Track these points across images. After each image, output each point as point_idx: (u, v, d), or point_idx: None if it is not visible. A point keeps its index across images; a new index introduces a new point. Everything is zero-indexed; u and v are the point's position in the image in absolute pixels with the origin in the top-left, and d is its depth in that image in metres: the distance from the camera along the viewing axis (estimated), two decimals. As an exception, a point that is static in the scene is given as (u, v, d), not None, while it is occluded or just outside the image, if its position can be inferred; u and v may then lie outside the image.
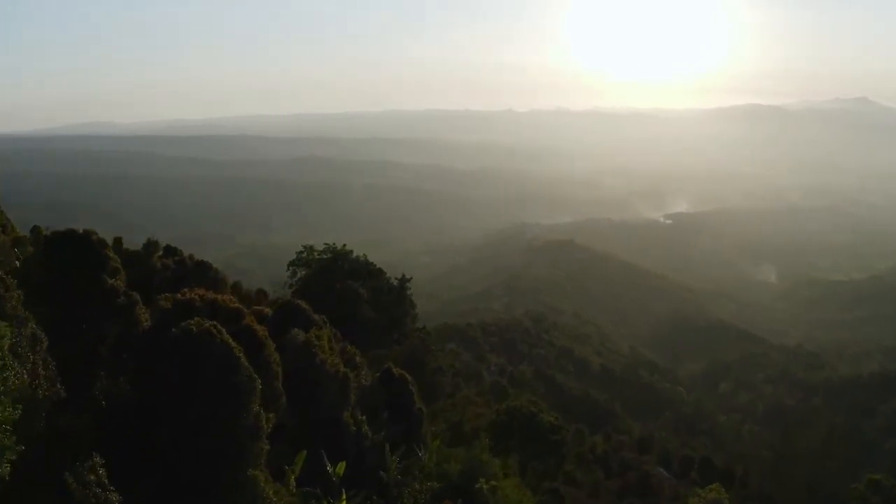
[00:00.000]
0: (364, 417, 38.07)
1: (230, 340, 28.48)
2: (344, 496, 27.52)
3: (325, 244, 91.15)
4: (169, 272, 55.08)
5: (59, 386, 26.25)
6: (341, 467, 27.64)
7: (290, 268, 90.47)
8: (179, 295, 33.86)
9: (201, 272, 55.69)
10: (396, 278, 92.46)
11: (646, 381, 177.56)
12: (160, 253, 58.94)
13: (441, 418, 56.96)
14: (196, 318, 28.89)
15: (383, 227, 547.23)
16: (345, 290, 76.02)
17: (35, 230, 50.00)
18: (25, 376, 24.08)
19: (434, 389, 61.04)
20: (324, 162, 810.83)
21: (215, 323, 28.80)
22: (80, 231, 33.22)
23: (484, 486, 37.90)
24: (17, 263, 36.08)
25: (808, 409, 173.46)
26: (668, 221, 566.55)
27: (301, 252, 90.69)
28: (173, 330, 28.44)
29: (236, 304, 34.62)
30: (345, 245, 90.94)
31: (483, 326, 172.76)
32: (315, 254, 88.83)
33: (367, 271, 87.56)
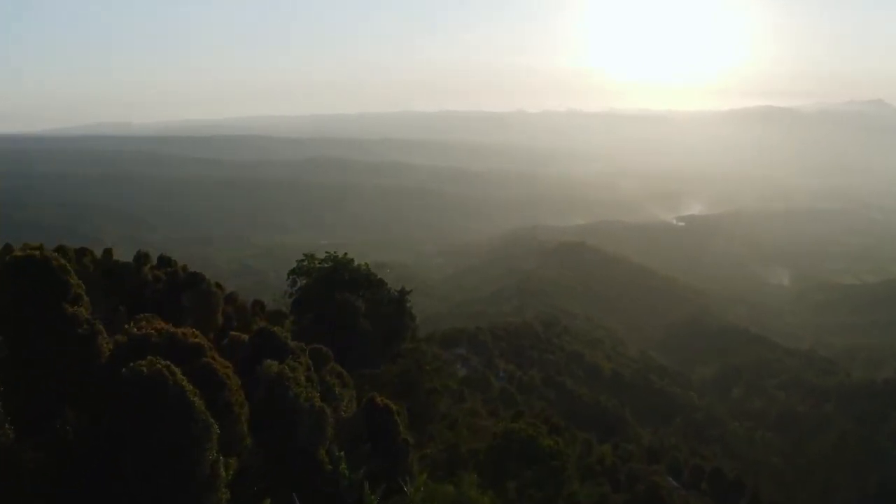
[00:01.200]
0: (342, 453, 36.07)
1: (184, 383, 26.74)
2: None
3: (327, 252, 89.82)
4: (161, 284, 53.93)
5: (7, 427, 25.16)
6: None
7: (290, 277, 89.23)
8: (135, 329, 31.66)
9: (193, 284, 54.51)
10: (396, 290, 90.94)
11: (657, 386, 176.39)
12: (153, 264, 57.77)
13: (438, 439, 55.76)
14: (149, 359, 27.08)
15: (396, 228, 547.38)
16: (342, 303, 74.70)
17: (6, 249, 48.66)
18: None
19: (429, 410, 59.47)
20: (337, 163, 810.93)
21: (168, 364, 26.99)
22: (40, 256, 31.31)
23: None
24: None
25: (820, 415, 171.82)
26: (681, 224, 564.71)
27: (302, 260, 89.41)
28: (124, 371, 26.71)
29: (197, 339, 32.15)
30: (346, 254, 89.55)
31: (493, 331, 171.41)
32: (316, 262, 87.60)
33: (367, 281, 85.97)
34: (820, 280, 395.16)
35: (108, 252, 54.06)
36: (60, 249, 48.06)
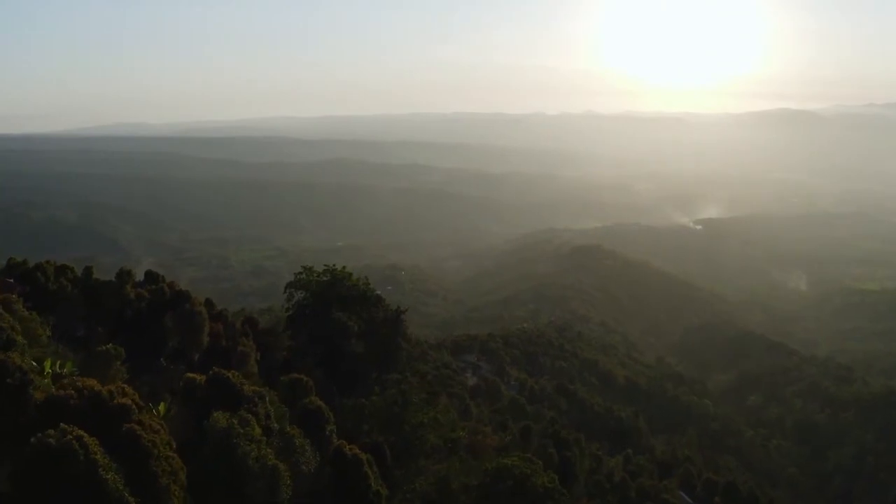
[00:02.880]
0: None
1: (98, 455, 23.76)
2: None
3: (325, 266, 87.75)
4: (144, 303, 51.96)
5: None
6: None
7: (288, 290, 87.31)
8: (55, 390, 28.27)
9: (178, 303, 52.48)
10: (393, 308, 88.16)
11: (671, 394, 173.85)
12: (140, 280, 55.87)
13: (428, 474, 53.35)
14: (61, 427, 24.03)
15: (412, 230, 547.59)
16: (335, 324, 72.43)
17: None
18: None
19: (417, 443, 56.57)
20: (353, 164, 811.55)
21: (81, 435, 23.98)
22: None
23: None
24: None
25: (838, 424, 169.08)
26: (698, 227, 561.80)
27: (300, 273, 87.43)
28: (32, 440, 23.85)
29: (125, 400, 28.27)
30: (344, 267, 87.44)
31: (505, 338, 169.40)
32: (314, 276, 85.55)
33: (363, 298, 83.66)
34: (838, 285, 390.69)
35: (88, 270, 52.40)
36: (40, 267, 46.62)
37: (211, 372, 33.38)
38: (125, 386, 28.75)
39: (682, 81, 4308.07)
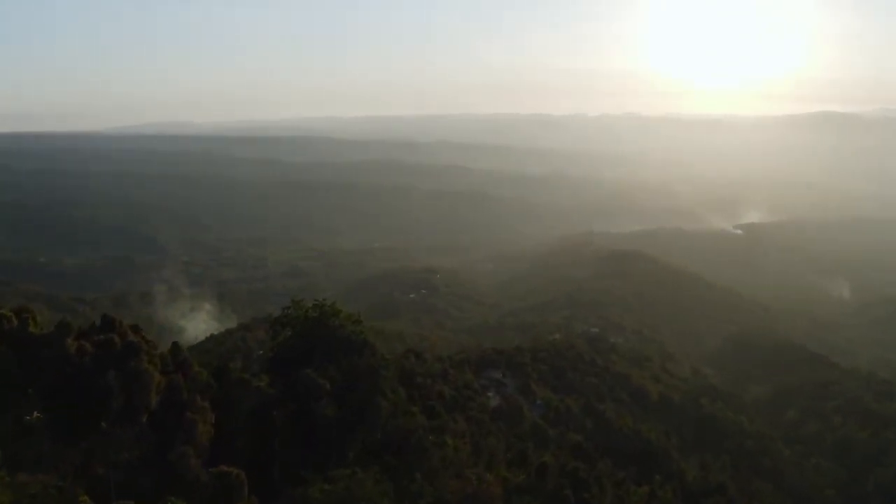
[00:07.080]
0: None
1: None
2: None
3: (315, 301, 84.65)
4: (87, 358, 47.62)
5: None
6: None
7: (273, 327, 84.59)
8: None
9: (126, 358, 47.85)
10: (381, 354, 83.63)
11: (707, 410, 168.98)
12: (97, 325, 51.99)
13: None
14: None
15: (450, 231, 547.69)
16: (304, 383, 67.77)
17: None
18: None
19: None
20: (392, 165, 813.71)
21: None
22: None
23: None
24: None
25: (879, 443, 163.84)
26: (739, 232, 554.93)
27: (287, 308, 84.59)
28: None
29: None
30: (334, 303, 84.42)
31: (534, 352, 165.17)
32: (302, 311, 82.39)
33: (347, 344, 79.08)
34: (882, 293, 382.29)
35: (24, 321, 48.49)
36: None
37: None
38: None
39: (724, 83, 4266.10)
